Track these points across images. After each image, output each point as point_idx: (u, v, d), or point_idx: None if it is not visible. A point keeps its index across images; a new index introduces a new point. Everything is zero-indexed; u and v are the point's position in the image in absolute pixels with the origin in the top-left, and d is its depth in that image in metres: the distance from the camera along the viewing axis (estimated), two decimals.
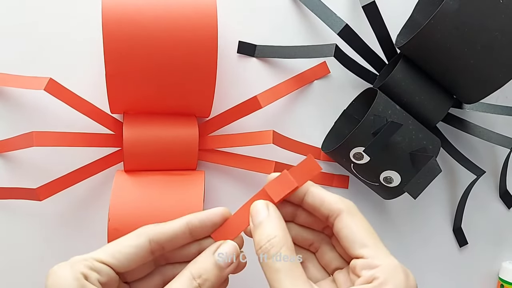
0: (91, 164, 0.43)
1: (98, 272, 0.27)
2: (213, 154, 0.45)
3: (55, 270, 0.27)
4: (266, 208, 0.29)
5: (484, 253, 0.55)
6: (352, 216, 0.29)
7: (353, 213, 0.29)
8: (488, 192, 0.54)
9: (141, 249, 0.28)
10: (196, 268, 0.28)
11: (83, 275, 0.26)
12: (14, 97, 0.43)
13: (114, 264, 0.27)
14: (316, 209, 0.30)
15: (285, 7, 0.47)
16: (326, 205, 0.29)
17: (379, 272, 0.26)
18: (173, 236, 0.29)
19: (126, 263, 0.28)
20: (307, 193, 0.30)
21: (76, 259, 0.27)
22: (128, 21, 0.37)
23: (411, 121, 0.43)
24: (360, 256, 0.27)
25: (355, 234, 0.28)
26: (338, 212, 0.29)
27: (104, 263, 0.27)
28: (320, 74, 0.48)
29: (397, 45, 0.46)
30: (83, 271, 0.26)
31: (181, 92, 0.40)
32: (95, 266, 0.27)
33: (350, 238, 0.28)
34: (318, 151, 0.48)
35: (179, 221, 0.29)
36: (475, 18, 0.40)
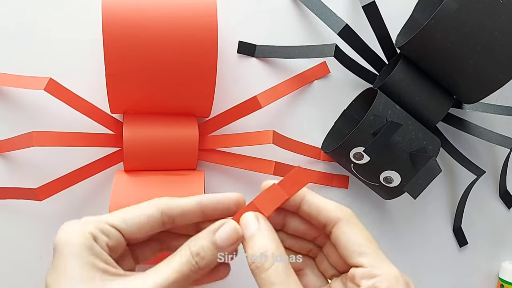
0: (91, 164, 0.43)
1: (108, 235, 0.27)
2: (213, 154, 0.45)
3: (65, 226, 0.27)
4: (256, 220, 0.28)
5: (484, 253, 0.55)
6: (350, 224, 0.28)
7: (351, 221, 0.28)
8: (488, 192, 0.54)
9: (153, 219, 0.28)
10: (195, 245, 0.28)
11: (93, 235, 0.26)
12: (14, 97, 0.43)
13: (124, 230, 0.27)
14: (313, 217, 0.29)
15: (285, 7, 0.47)
16: (323, 213, 0.29)
17: (380, 282, 0.26)
18: (184, 211, 0.29)
19: (136, 231, 0.28)
20: (303, 201, 0.29)
21: (88, 219, 0.27)
22: (128, 21, 0.37)
23: (411, 121, 0.43)
24: (360, 265, 0.27)
25: (354, 242, 0.28)
26: (336, 221, 0.28)
27: (115, 227, 0.27)
28: (320, 74, 0.48)
29: (397, 45, 0.46)
30: (92, 232, 0.26)
31: (181, 92, 0.40)
32: (106, 229, 0.27)
33: (348, 246, 0.28)
34: (318, 151, 0.48)
35: (192, 198, 0.29)
36: (475, 18, 0.40)
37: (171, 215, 0.28)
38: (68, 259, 0.25)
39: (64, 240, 0.26)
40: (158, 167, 0.42)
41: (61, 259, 0.25)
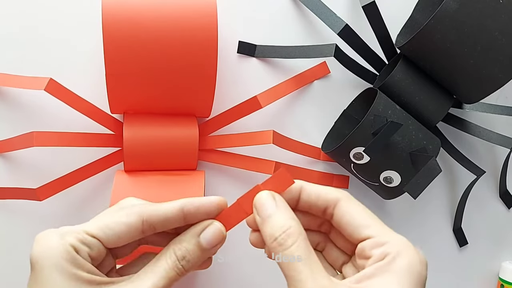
0: (91, 164, 0.43)
1: (89, 246, 0.26)
2: (213, 154, 0.45)
3: (43, 239, 0.26)
4: (273, 199, 0.28)
5: (484, 253, 0.55)
6: (350, 201, 0.28)
7: (350, 199, 0.28)
8: (488, 192, 0.54)
9: (132, 228, 0.27)
10: (180, 249, 0.28)
11: (74, 247, 0.26)
12: (14, 97, 0.43)
13: (104, 240, 0.27)
14: (312, 204, 0.29)
15: (285, 7, 0.47)
16: (322, 197, 0.28)
17: (390, 247, 0.26)
18: (166, 218, 0.28)
19: (116, 240, 0.27)
20: (301, 191, 0.29)
21: (66, 230, 0.27)
22: (128, 22, 0.37)
23: (411, 121, 0.43)
24: (367, 237, 0.27)
25: (357, 217, 0.27)
26: (336, 201, 0.28)
27: (95, 237, 0.27)
28: (320, 74, 0.48)
29: (397, 45, 0.46)
30: (73, 244, 0.26)
31: (181, 92, 0.40)
32: (86, 239, 0.26)
33: (352, 222, 0.27)
34: (318, 151, 0.48)
35: (173, 204, 0.28)
36: (475, 18, 0.40)
37: (152, 223, 0.28)
38: (51, 274, 0.25)
39: (44, 253, 0.25)
40: (158, 167, 0.42)
41: (43, 274, 0.25)
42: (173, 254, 0.28)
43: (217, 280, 0.48)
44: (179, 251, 0.28)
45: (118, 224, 0.27)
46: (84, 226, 0.27)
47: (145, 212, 0.28)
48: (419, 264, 0.26)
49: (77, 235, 0.26)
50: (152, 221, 0.28)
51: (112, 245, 0.28)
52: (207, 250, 0.28)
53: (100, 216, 0.28)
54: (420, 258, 0.26)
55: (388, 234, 0.27)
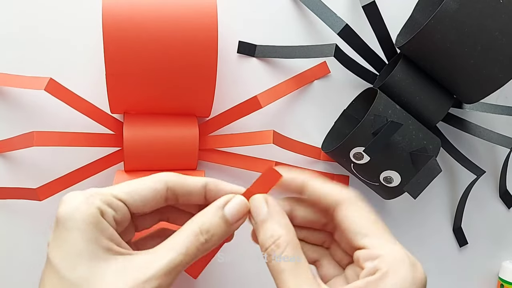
0: (91, 164, 0.43)
1: (115, 209, 0.26)
2: (213, 154, 0.45)
3: (69, 200, 0.25)
4: (265, 204, 0.27)
5: (484, 253, 0.55)
6: (352, 205, 0.27)
7: (353, 202, 0.27)
8: (488, 192, 0.54)
9: (158, 194, 0.27)
10: (204, 222, 0.27)
11: (100, 210, 0.25)
12: (14, 97, 0.43)
13: (130, 203, 0.26)
14: (316, 203, 0.28)
15: (285, 7, 0.47)
16: (326, 197, 0.28)
17: (383, 262, 0.25)
18: (189, 190, 0.28)
19: (141, 204, 0.27)
20: (306, 187, 0.28)
21: (93, 192, 0.26)
22: (128, 22, 0.37)
23: (411, 121, 0.43)
24: (362, 247, 0.26)
25: (356, 224, 0.27)
26: (338, 204, 0.27)
27: (121, 201, 0.26)
28: (320, 74, 0.48)
29: (397, 45, 0.46)
30: (100, 206, 0.25)
31: (181, 92, 0.40)
32: (113, 202, 0.26)
33: (351, 228, 0.27)
34: (318, 151, 0.48)
35: (198, 179, 0.28)
36: (475, 18, 0.40)
37: (176, 191, 0.28)
38: (73, 235, 0.24)
39: (70, 213, 0.25)
40: (159, 167, 0.42)
41: (65, 233, 0.25)
42: (196, 227, 0.27)
43: (217, 280, 0.48)
44: (202, 224, 0.27)
45: (145, 189, 0.27)
46: (112, 189, 0.26)
47: (171, 180, 0.28)
48: (412, 285, 0.25)
49: (104, 197, 0.26)
50: (176, 189, 0.28)
51: (138, 210, 0.27)
52: (231, 225, 0.27)
53: (128, 181, 0.27)
54: (415, 276, 0.25)
55: (385, 246, 0.26)
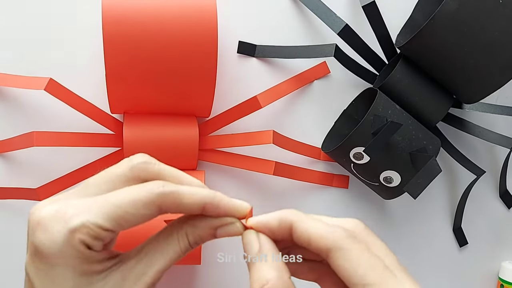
0: (91, 164, 0.43)
1: (102, 239, 0.24)
2: (213, 154, 0.45)
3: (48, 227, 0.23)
4: (257, 241, 0.26)
5: (484, 253, 0.55)
6: (342, 252, 0.24)
7: (343, 248, 0.24)
8: (488, 192, 0.54)
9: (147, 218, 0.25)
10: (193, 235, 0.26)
11: (86, 245, 0.24)
12: (14, 97, 0.43)
13: (117, 230, 0.25)
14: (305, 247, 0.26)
15: (285, 7, 0.47)
16: (313, 243, 0.25)
17: None
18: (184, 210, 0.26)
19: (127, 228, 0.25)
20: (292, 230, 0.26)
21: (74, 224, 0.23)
22: (128, 22, 0.37)
23: (411, 121, 0.43)
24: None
25: (352, 275, 0.24)
26: (327, 251, 0.25)
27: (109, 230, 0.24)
28: (320, 74, 0.48)
29: (397, 45, 0.46)
30: (86, 241, 0.24)
31: (181, 92, 0.40)
32: (101, 235, 0.24)
33: (347, 278, 0.24)
34: (318, 151, 0.48)
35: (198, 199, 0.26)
36: (475, 18, 0.40)
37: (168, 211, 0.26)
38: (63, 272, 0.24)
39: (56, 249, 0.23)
40: None
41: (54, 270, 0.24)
42: (185, 238, 0.26)
43: (217, 279, 0.48)
44: (191, 236, 0.26)
45: (136, 217, 0.25)
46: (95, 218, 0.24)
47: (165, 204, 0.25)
48: None
49: (89, 231, 0.24)
50: (169, 210, 0.26)
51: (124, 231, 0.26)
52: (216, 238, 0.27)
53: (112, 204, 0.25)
54: None
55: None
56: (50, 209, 0.24)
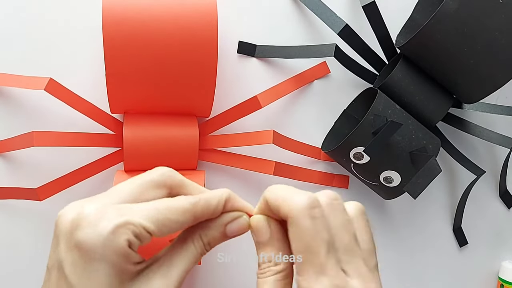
0: (91, 164, 0.43)
1: (142, 240, 0.26)
2: (213, 154, 0.45)
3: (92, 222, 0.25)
4: (268, 227, 0.29)
5: (484, 253, 0.55)
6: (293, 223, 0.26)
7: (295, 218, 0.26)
8: (488, 192, 0.54)
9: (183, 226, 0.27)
10: (207, 235, 0.29)
11: (129, 242, 0.25)
12: (14, 97, 0.43)
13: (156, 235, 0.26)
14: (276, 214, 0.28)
15: (285, 7, 0.47)
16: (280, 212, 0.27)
17: None
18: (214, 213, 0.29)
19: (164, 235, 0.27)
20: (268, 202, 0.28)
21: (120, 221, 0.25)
22: (128, 21, 0.37)
23: (411, 121, 0.43)
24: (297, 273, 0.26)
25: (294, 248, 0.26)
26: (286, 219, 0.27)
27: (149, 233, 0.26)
28: (320, 74, 0.48)
29: (397, 45, 0.46)
30: (130, 239, 0.25)
31: (181, 92, 0.40)
32: (142, 235, 0.25)
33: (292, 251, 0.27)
34: (318, 151, 0.48)
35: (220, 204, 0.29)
36: (475, 18, 0.40)
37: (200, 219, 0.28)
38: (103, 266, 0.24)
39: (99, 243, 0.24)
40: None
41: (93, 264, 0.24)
42: (200, 240, 0.28)
43: (217, 279, 0.48)
44: (205, 237, 0.29)
45: (175, 224, 0.27)
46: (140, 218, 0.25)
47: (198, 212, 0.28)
48: None
49: (135, 229, 0.25)
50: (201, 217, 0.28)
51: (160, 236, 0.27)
52: (228, 238, 0.29)
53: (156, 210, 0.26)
54: None
55: (309, 279, 0.26)
56: (93, 208, 0.25)
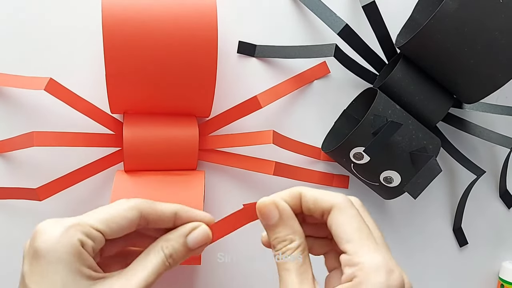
0: (91, 164, 0.43)
1: (93, 240, 0.27)
2: (213, 154, 0.45)
3: (47, 230, 0.26)
4: (276, 209, 0.29)
5: (484, 253, 0.55)
6: (341, 211, 0.28)
7: (342, 207, 0.28)
8: (488, 192, 0.54)
9: (132, 222, 0.29)
10: (168, 247, 0.29)
11: (80, 241, 0.26)
12: (14, 97, 0.43)
13: (107, 233, 0.28)
14: (311, 210, 0.29)
15: (285, 7, 0.47)
16: (318, 203, 0.29)
17: (360, 270, 0.26)
18: (160, 217, 0.30)
19: (116, 233, 0.28)
20: (301, 197, 0.29)
21: (71, 223, 0.27)
22: (128, 21, 0.37)
23: (411, 121, 0.43)
24: (345, 252, 0.27)
25: (342, 229, 0.27)
26: (330, 209, 0.28)
27: (99, 231, 0.27)
28: (320, 74, 0.48)
29: (397, 45, 0.46)
30: (80, 238, 0.26)
31: (181, 92, 0.40)
32: (92, 234, 0.27)
33: (337, 233, 0.28)
34: (318, 151, 0.48)
35: (170, 207, 0.30)
36: (475, 18, 0.40)
37: (147, 218, 0.29)
38: (56, 268, 0.25)
39: (51, 245, 0.26)
40: (158, 167, 0.42)
41: (48, 266, 0.26)
42: (161, 251, 0.29)
43: (217, 279, 0.48)
44: (166, 249, 0.29)
45: (121, 218, 0.28)
46: (89, 219, 0.28)
47: (143, 208, 0.29)
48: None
49: (83, 229, 0.27)
50: (148, 217, 0.29)
51: (112, 237, 0.29)
52: (192, 251, 0.30)
53: (101, 209, 0.29)
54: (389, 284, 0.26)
55: (364, 254, 0.26)
56: (50, 220, 0.27)
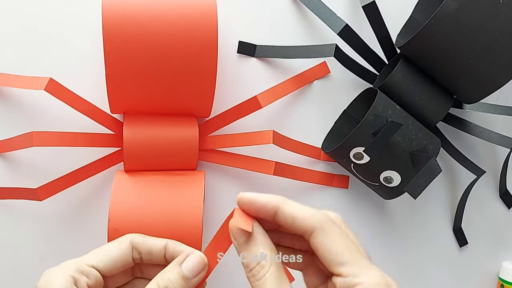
0: (91, 164, 0.43)
1: (87, 275, 0.29)
2: (213, 154, 0.45)
3: (47, 271, 0.29)
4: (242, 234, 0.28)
5: (484, 253, 0.55)
6: (325, 232, 0.27)
7: (326, 229, 0.27)
8: (488, 192, 0.54)
9: (125, 254, 0.30)
10: (163, 279, 0.29)
11: (73, 278, 0.28)
12: (14, 97, 0.43)
13: (101, 267, 0.30)
14: (289, 227, 0.28)
15: (285, 7, 0.47)
16: (297, 223, 0.27)
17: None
18: (150, 250, 0.31)
19: (110, 266, 0.30)
20: (277, 212, 0.28)
21: (68, 263, 0.29)
22: (128, 21, 0.37)
23: (411, 121, 0.43)
24: (339, 274, 0.26)
25: (331, 252, 0.27)
26: (311, 230, 0.27)
27: (93, 267, 0.29)
28: (320, 74, 0.48)
29: (397, 45, 0.46)
30: (73, 275, 0.28)
31: (181, 92, 0.40)
32: (84, 269, 0.29)
33: (326, 257, 0.27)
34: (318, 151, 0.48)
35: (160, 239, 0.31)
36: (475, 18, 0.40)
37: (139, 250, 0.31)
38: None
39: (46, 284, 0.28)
40: (158, 167, 0.42)
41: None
42: (155, 285, 0.29)
43: (217, 279, 0.48)
44: (161, 281, 0.29)
45: (112, 251, 0.30)
46: (83, 257, 0.30)
47: (135, 240, 0.31)
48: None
49: (76, 266, 0.29)
50: (139, 248, 0.31)
51: (109, 272, 0.30)
52: (189, 279, 0.29)
53: (97, 249, 0.31)
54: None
55: (360, 274, 0.26)
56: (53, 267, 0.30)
